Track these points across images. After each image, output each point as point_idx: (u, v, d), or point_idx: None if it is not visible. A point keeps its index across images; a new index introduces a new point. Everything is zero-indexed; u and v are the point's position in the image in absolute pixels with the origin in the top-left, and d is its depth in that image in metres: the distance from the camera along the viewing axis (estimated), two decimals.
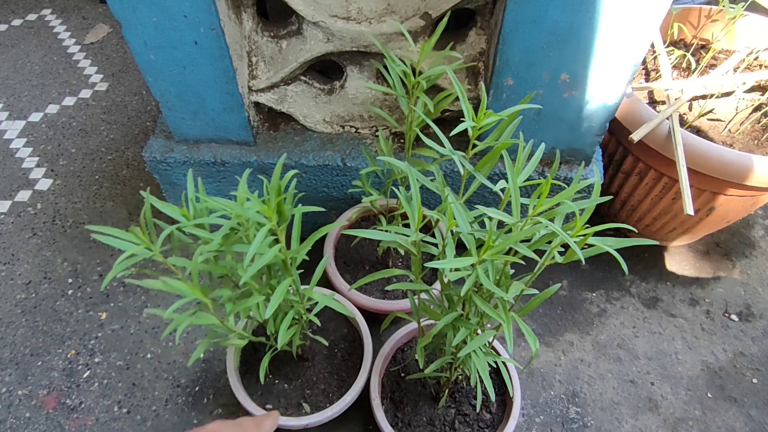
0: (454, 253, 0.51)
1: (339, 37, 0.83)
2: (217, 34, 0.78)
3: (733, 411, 0.96)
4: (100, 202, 1.24)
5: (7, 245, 1.15)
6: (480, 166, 0.55)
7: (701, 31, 1.15)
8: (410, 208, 0.51)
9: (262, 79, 0.91)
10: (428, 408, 0.79)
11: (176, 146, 0.97)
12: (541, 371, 1.00)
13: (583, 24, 0.72)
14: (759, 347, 1.04)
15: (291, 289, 0.60)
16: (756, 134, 1.01)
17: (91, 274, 1.11)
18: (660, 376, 0.99)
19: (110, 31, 1.75)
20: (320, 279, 0.63)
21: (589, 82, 0.79)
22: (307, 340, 0.83)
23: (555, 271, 1.15)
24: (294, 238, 0.58)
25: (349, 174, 0.96)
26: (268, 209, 0.47)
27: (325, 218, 1.09)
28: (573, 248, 0.41)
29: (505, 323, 0.50)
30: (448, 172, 0.95)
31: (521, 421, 0.93)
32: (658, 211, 1.05)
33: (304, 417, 0.75)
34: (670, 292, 1.12)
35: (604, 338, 1.04)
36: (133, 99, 1.51)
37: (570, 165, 0.94)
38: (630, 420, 0.94)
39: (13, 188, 1.26)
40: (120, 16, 0.75)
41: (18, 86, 1.53)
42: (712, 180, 0.91)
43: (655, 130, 0.93)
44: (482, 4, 0.83)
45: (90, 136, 1.39)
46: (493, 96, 0.84)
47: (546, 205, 0.44)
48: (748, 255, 1.19)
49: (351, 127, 0.99)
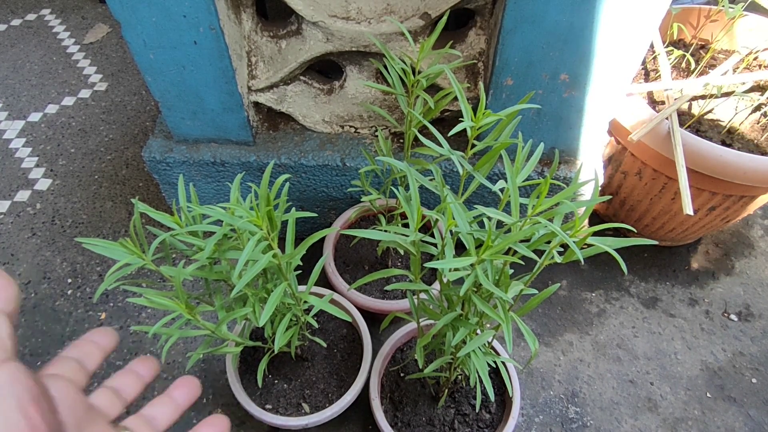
0: (453, 253, 0.51)
1: (338, 37, 0.83)
2: (217, 34, 0.77)
3: (732, 411, 0.96)
4: (99, 202, 1.24)
5: (7, 245, 1.15)
6: (479, 165, 0.55)
7: (701, 31, 1.15)
8: (409, 208, 0.51)
9: (262, 79, 0.91)
10: (428, 408, 0.79)
11: (176, 146, 0.97)
12: (541, 371, 1.00)
13: (582, 24, 0.72)
14: (758, 347, 1.04)
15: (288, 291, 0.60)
16: (755, 134, 1.01)
17: (90, 274, 1.10)
18: (659, 376, 1.00)
19: (110, 30, 1.75)
20: (320, 279, 0.63)
21: (589, 82, 0.79)
22: (306, 341, 0.83)
23: (554, 271, 1.15)
24: (288, 242, 0.57)
25: (348, 174, 0.96)
26: (257, 219, 0.46)
27: (324, 217, 1.09)
28: (572, 248, 0.41)
29: (505, 323, 0.50)
30: (447, 171, 0.95)
31: (521, 421, 0.93)
32: (657, 211, 1.05)
33: (304, 417, 0.75)
34: (670, 292, 1.12)
35: (604, 338, 1.04)
36: (133, 99, 1.51)
37: (569, 165, 0.94)
38: (629, 420, 0.94)
39: (12, 188, 1.26)
40: (119, 16, 0.75)
41: (17, 86, 1.53)
42: (712, 180, 0.91)
43: (655, 130, 0.93)
44: (482, 4, 0.83)
45: (89, 136, 1.39)
46: (492, 96, 0.84)
47: (545, 205, 0.44)
48: (748, 255, 1.19)
49: (350, 127, 0.99)
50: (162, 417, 0.39)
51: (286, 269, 0.56)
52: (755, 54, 1.09)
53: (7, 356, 0.25)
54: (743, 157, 0.87)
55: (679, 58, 1.12)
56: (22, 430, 0.23)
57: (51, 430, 0.25)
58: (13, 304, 0.27)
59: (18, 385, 0.24)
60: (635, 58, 0.76)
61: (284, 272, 0.56)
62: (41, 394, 0.26)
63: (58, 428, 0.27)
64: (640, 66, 1.12)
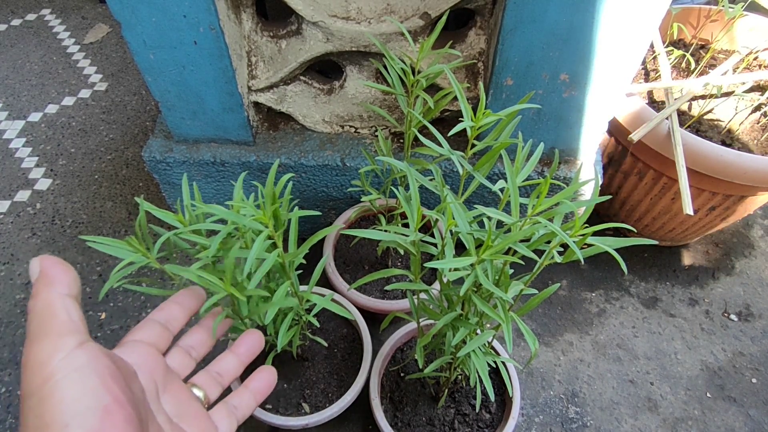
0: (453, 252, 0.51)
1: (338, 37, 0.83)
2: (217, 34, 0.77)
3: (732, 411, 0.96)
4: (99, 202, 1.24)
5: (7, 245, 1.15)
6: (479, 165, 0.55)
7: (701, 31, 1.15)
8: (409, 207, 0.51)
9: (262, 79, 0.91)
10: (428, 408, 0.79)
11: (176, 146, 0.97)
12: (541, 371, 1.00)
13: (582, 24, 0.72)
14: (758, 347, 1.04)
15: (290, 290, 0.60)
16: (755, 134, 1.01)
17: (90, 274, 1.10)
18: (659, 376, 1.00)
19: (110, 30, 1.75)
20: (320, 279, 0.63)
21: (589, 82, 0.79)
22: (306, 341, 0.83)
23: (554, 271, 1.15)
24: (291, 240, 0.58)
25: (348, 174, 0.96)
26: (264, 217, 0.46)
27: (324, 217, 1.10)
28: (572, 248, 0.41)
29: (505, 323, 0.50)
30: (447, 171, 0.95)
31: (521, 421, 0.93)
32: (657, 211, 1.05)
33: (304, 417, 0.75)
34: (670, 292, 1.12)
35: (604, 338, 1.04)
36: (133, 99, 1.51)
37: (569, 165, 0.94)
38: (629, 420, 0.94)
39: (12, 188, 1.26)
40: (119, 16, 0.75)
41: (17, 86, 1.53)
42: (712, 180, 0.91)
43: (655, 130, 0.93)
44: (482, 4, 0.83)
45: (89, 136, 1.39)
46: (492, 96, 0.84)
47: (545, 205, 0.44)
48: (748, 255, 1.19)
49: (350, 127, 0.99)
50: (227, 372, 0.42)
51: (289, 268, 0.56)
52: (755, 54, 1.09)
53: (84, 338, 0.27)
54: (743, 157, 0.87)
55: (679, 58, 1.12)
56: (107, 402, 0.25)
57: (131, 399, 0.27)
58: (76, 287, 0.29)
59: (98, 363, 0.26)
60: (635, 58, 0.76)
61: (287, 271, 0.56)
62: (119, 368, 0.28)
63: (139, 395, 0.29)
64: (640, 66, 1.12)
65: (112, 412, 0.25)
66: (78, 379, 0.25)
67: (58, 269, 0.28)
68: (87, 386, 0.25)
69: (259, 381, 0.43)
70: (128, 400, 0.27)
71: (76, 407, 0.24)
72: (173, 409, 0.34)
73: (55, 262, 0.28)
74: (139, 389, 0.30)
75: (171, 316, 0.39)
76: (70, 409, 0.24)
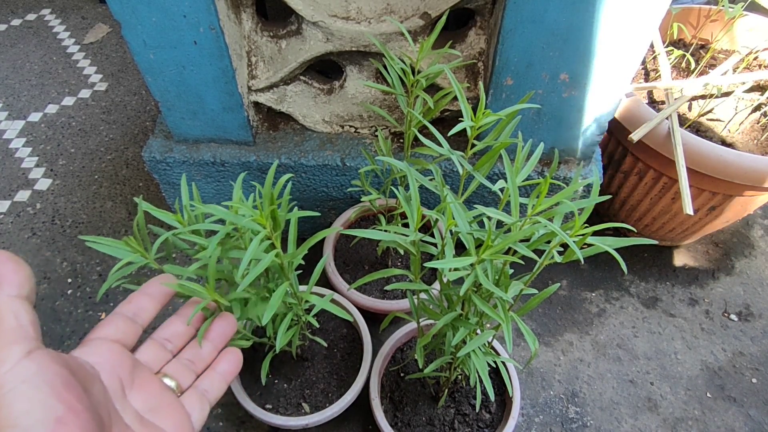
0: (453, 252, 0.51)
1: (338, 36, 0.83)
2: (217, 34, 0.77)
3: (732, 411, 0.96)
4: (99, 202, 1.24)
5: (7, 245, 1.15)
6: (479, 165, 0.55)
7: (701, 31, 1.15)
8: (409, 207, 0.51)
9: (262, 79, 0.91)
10: (428, 408, 0.79)
11: (176, 146, 0.97)
12: (541, 371, 1.00)
13: (582, 24, 0.72)
14: (758, 347, 1.04)
15: (289, 291, 0.60)
16: (755, 134, 1.01)
17: (90, 273, 1.10)
18: (659, 376, 1.00)
19: (109, 30, 1.75)
20: (319, 279, 0.63)
21: (589, 82, 0.79)
22: (306, 341, 0.83)
23: (554, 270, 1.15)
24: (290, 241, 0.57)
25: (348, 174, 0.96)
26: (261, 218, 0.46)
27: (324, 217, 1.10)
28: (572, 248, 0.41)
29: (505, 323, 0.50)
30: (447, 171, 0.95)
31: (521, 421, 0.93)
32: (657, 211, 1.05)
33: (304, 417, 0.75)
34: (670, 291, 1.12)
35: (604, 338, 1.04)
36: (133, 99, 1.51)
37: (569, 165, 0.94)
38: (629, 420, 0.94)
39: (12, 188, 1.26)
40: (119, 16, 0.75)
41: (17, 86, 1.53)
42: (712, 180, 0.91)
43: (655, 130, 0.93)
44: (482, 4, 0.83)
45: (89, 136, 1.39)
46: (492, 96, 0.84)
47: (545, 205, 0.44)
48: (748, 255, 1.19)
49: (350, 127, 0.99)
50: (200, 358, 0.41)
51: (288, 269, 0.56)
52: (755, 54, 1.09)
53: (33, 345, 0.25)
54: (743, 157, 0.87)
55: (679, 58, 1.12)
56: (60, 413, 0.24)
57: (88, 406, 0.26)
58: (28, 286, 0.27)
59: (48, 372, 0.25)
60: (635, 58, 0.76)
61: (286, 272, 0.56)
62: (73, 374, 0.26)
63: (99, 398, 0.28)
64: (640, 66, 1.12)
65: (66, 423, 0.24)
66: (26, 391, 0.24)
67: (8, 267, 0.26)
68: (36, 398, 0.24)
69: (228, 363, 0.42)
70: (85, 407, 0.25)
71: (26, 421, 0.23)
72: (143, 404, 0.33)
73: (4, 260, 0.26)
74: (100, 391, 0.29)
75: (139, 308, 0.38)
76: (19, 423, 0.23)
